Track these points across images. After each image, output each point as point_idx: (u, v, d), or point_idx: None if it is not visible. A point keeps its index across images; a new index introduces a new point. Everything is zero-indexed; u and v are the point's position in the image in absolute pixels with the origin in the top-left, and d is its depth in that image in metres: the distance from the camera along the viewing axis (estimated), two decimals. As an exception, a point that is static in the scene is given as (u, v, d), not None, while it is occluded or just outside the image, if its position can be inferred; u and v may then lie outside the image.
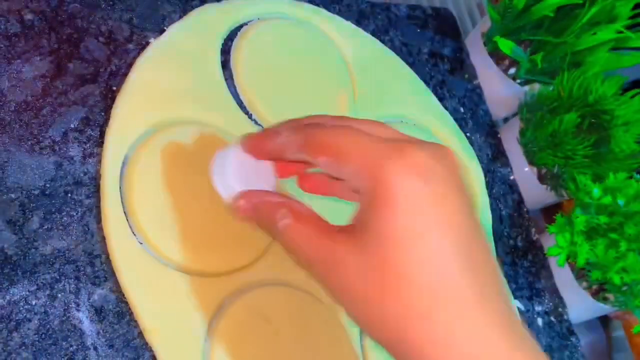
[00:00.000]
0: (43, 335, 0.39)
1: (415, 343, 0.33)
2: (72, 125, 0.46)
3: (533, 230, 0.69)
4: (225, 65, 0.55)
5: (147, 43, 0.52)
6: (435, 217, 0.33)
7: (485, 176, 0.67)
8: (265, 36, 0.58)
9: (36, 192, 0.43)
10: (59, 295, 0.41)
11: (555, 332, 0.63)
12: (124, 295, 0.43)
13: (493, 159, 0.70)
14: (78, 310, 0.41)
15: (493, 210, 0.65)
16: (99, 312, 0.42)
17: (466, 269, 0.33)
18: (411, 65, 0.68)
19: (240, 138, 0.41)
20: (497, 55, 0.78)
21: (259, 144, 0.40)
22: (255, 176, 0.41)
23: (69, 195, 0.44)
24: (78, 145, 0.46)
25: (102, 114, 0.48)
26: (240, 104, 0.54)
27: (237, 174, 0.40)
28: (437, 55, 0.73)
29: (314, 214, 0.39)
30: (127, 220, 0.44)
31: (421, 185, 0.33)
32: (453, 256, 0.33)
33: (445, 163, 0.35)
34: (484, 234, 0.36)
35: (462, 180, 0.36)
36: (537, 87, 0.78)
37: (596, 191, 0.64)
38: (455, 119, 0.68)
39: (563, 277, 0.68)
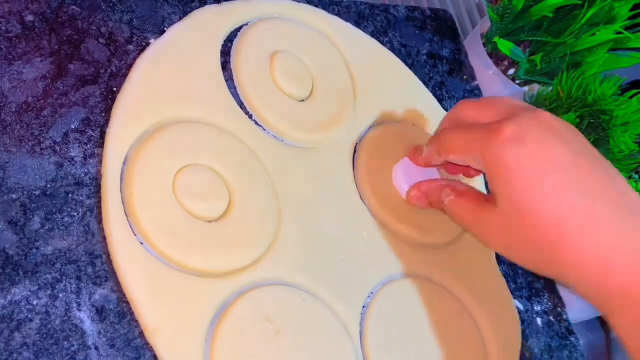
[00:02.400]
0: (44, 335, 0.40)
1: (557, 257, 0.42)
2: (72, 126, 0.46)
3: (532, 230, 0.69)
4: (225, 66, 0.55)
5: (147, 44, 0.52)
6: (540, 168, 0.42)
7: (485, 176, 0.67)
8: (265, 37, 0.58)
9: (37, 192, 0.43)
10: (60, 295, 0.41)
11: (554, 331, 0.63)
12: (124, 295, 0.43)
13: (492, 160, 0.71)
14: (79, 310, 0.41)
15: (492, 210, 0.65)
16: (100, 312, 0.42)
17: (579, 193, 0.42)
18: (410, 66, 0.69)
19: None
20: (496, 56, 0.78)
21: (414, 158, 0.56)
22: (422, 176, 0.56)
23: (70, 195, 0.44)
24: (79, 146, 0.46)
25: (103, 114, 0.48)
26: (241, 104, 0.54)
27: (407, 176, 0.57)
28: (436, 56, 0.73)
29: (471, 189, 0.51)
30: (128, 220, 0.44)
31: (520, 149, 0.43)
32: (566, 190, 0.42)
33: (536, 123, 0.44)
34: (594, 155, 0.44)
35: (557, 128, 0.44)
36: (536, 87, 0.79)
37: (595, 191, 0.64)
38: (455, 120, 0.68)
39: (562, 277, 0.68)
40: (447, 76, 0.72)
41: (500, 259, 0.64)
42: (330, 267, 0.52)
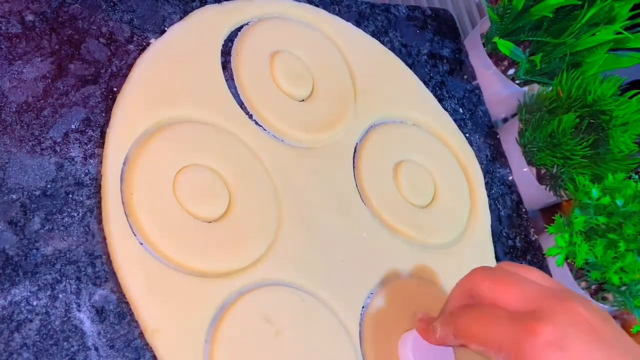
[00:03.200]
0: (44, 335, 0.39)
1: None
2: (73, 126, 0.46)
3: (532, 230, 0.69)
4: (226, 66, 0.55)
5: (148, 44, 0.52)
6: None
7: (485, 176, 0.67)
8: (265, 37, 0.58)
9: (37, 192, 0.43)
10: (60, 295, 0.41)
11: None
12: (124, 295, 0.43)
13: (492, 160, 0.71)
14: (79, 311, 0.41)
15: (492, 210, 0.66)
16: (100, 313, 0.42)
17: None
18: (411, 66, 0.69)
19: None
20: (496, 56, 0.78)
21: (425, 335, 0.47)
22: (433, 354, 0.50)
23: (70, 195, 0.44)
24: (79, 146, 0.46)
25: (103, 114, 0.48)
26: (241, 104, 0.54)
27: (416, 353, 0.49)
28: (436, 56, 0.73)
29: None
30: (128, 220, 0.44)
31: (561, 358, 0.38)
32: None
33: (574, 323, 0.39)
34: (628, 346, 0.40)
35: (594, 325, 0.40)
36: (536, 87, 0.79)
37: (595, 192, 0.64)
38: (455, 120, 0.68)
39: (562, 277, 0.68)
40: (448, 76, 0.72)
41: (500, 260, 0.64)
42: (330, 268, 0.52)
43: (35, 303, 0.40)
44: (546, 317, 0.39)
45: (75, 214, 0.44)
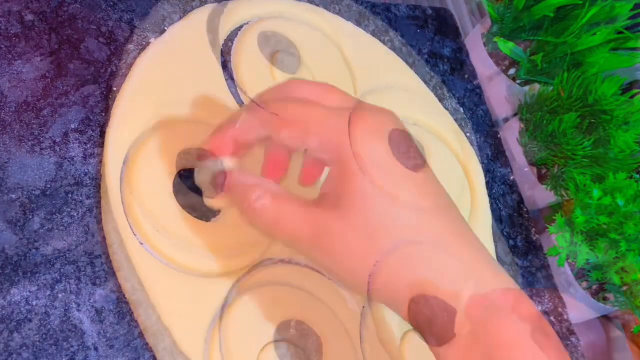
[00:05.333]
0: (44, 335, 0.39)
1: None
2: (72, 126, 0.46)
3: (533, 230, 0.69)
4: (226, 65, 0.55)
5: (148, 43, 0.52)
6: (398, 172, 0.37)
7: (485, 176, 0.67)
8: (265, 37, 0.58)
9: (37, 192, 0.43)
10: (60, 295, 0.41)
11: (555, 331, 0.63)
12: (124, 295, 0.43)
13: (493, 159, 0.71)
14: (78, 311, 0.41)
15: (493, 210, 0.65)
16: (99, 313, 0.42)
17: (433, 212, 0.38)
18: (411, 65, 0.69)
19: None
20: (497, 56, 0.78)
21: (221, 135, 0.41)
22: None
23: (70, 195, 0.44)
24: (78, 146, 0.46)
25: (103, 114, 0.48)
26: (241, 104, 0.54)
27: None
28: (437, 56, 0.73)
29: (288, 193, 0.40)
30: (127, 219, 0.44)
31: (381, 145, 0.37)
32: (418, 204, 0.37)
33: (396, 122, 0.40)
34: (436, 182, 0.41)
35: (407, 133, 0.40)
36: (537, 87, 0.79)
37: (596, 191, 0.64)
38: (455, 119, 0.68)
39: (563, 277, 0.68)
40: (448, 75, 0.72)
41: (501, 259, 0.63)
42: (330, 268, 0.51)
43: (34, 303, 0.40)
44: (366, 107, 0.39)
45: (75, 214, 0.44)
